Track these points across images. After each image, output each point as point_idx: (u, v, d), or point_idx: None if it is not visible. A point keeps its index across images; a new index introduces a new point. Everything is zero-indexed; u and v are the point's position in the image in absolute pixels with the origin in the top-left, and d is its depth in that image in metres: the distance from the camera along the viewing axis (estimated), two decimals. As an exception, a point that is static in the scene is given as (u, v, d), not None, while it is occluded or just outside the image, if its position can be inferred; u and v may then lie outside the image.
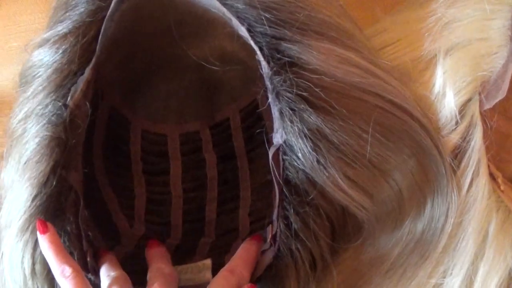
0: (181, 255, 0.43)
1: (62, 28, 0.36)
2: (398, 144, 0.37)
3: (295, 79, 0.35)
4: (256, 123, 0.46)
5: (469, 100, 0.40)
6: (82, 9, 0.37)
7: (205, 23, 0.42)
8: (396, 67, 0.41)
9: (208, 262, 0.39)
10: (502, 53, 0.39)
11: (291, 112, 0.35)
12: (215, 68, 0.44)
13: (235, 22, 0.36)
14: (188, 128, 0.48)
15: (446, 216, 0.39)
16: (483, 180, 0.39)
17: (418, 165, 0.38)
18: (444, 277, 0.41)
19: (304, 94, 0.35)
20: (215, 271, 0.38)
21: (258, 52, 0.35)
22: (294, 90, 0.34)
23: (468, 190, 0.40)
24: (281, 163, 0.36)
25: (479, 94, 0.40)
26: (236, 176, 0.47)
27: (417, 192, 0.39)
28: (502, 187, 0.40)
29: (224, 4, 0.36)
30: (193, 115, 0.48)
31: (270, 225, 0.38)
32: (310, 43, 0.35)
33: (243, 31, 0.36)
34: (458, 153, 0.40)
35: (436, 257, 0.40)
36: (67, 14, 0.37)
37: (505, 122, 0.49)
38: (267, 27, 0.35)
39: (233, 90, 0.47)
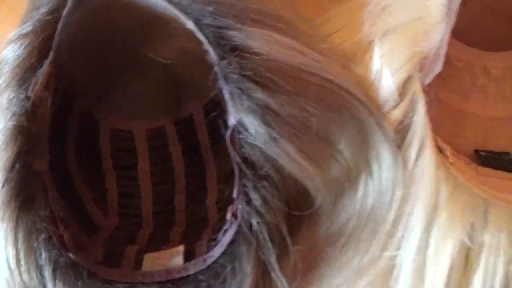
0: (155, 243, 0.46)
1: (25, 26, 0.40)
2: (340, 119, 0.41)
3: (240, 61, 0.39)
4: (220, 117, 0.49)
5: (409, 77, 0.43)
6: (45, 9, 0.41)
7: (163, 23, 0.46)
8: (340, 52, 0.44)
9: (180, 248, 0.43)
10: (439, 29, 0.42)
11: (239, 91, 0.38)
12: (178, 66, 0.48)
13: (182, 18, 0.40)
14: (154, 124, 0.52)
15: (393, 189, 0.42)
16: (429, 153, 0.42)
17: (361, 140, 0.41)
18: (398, 249, 0.43)
19: (249, 73, 0.39)
20: (187, 256, 0.42)
21: (205, 42, 0.39)
22: (239, 71, 0.38)
23: (414, 164, 0.42)
24: (237, 142, 0.38)
25: (420, 71, 0.42)
26: (202, 168, 0.50)
27: (364, 166, 0.42)
28: (451, 159, 0.43)
29: (170, 2, 0.40)
30: (159, 112, 0.52)
31: (231, 205, 0.41)
32: (250, 30, 0.39)
33: (190, 24, 0.40)
34: (402, 129, 0.43)
35: (387, 230, 0.42)
36: (32, 14, 0.41)
37: (459, 98, 0.54)
38: (211, 19, 0.39)
39: (196, 87, 0.51)
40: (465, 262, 0.43)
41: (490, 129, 0.54)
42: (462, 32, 0.54)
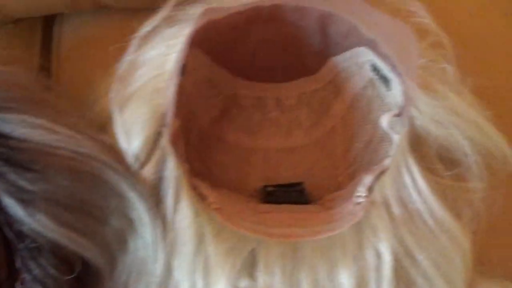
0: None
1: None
2: (98, 188, 0.44)
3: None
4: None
5: (154, 133, 0.45)
6: None
7: None
8: (92, 122, 0.48)
9: None
10: (171, 84, 0.45)
11: (-2, 176, 0.40)
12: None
13: None
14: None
15: (157, 242, 0.44)
16: (186, 203, 0.44)
17: (121, 203, 0.44)
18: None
19: (4, 157, 0.41)
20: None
21: None
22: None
23: (173, 215, 0.44)
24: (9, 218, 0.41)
25: (165, 125, 0.45)
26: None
27: (129, 226, 0.45)
28: (214, 205, 0.45)
29: None
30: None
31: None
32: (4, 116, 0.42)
33: None
34: (156, 183, 0.45)
35: (159, 281, 0.44)
36: None
37: (247, 136, 0.57)
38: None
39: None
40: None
41: (283, 161, 0.57)
42: (246, 69, 0.56)
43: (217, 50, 0.53)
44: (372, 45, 0.49)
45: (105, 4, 0.61)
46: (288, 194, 0.52)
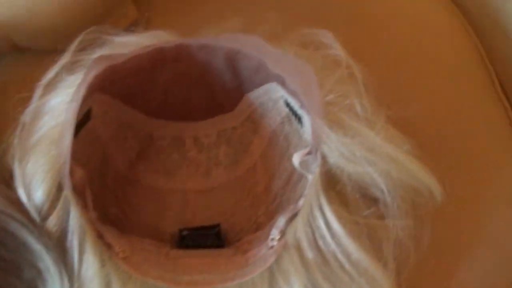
0: None
1: None
2: (6, 241, 0.43)
3: None
4: None
5: (57, 185, 0.43)
6: None
7: None
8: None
9: None
10: (67, 133, 0.44)
11: None
12: None
13: None
14: None
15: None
16: (90, 253, 0.42)
17: (30, 255, 0.43)
18: None
19: None
20: None
21: None
22: None
23: (79, 266, 0.43)
24: None
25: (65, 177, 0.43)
26: None
27: (40, 279, 0.43)
28: (121, 255, 0.44)
29: None
30: None
31: None
32: None
33: None
34: (61, 234, 0.43)
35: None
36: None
37: (163, 177, 0.56)
38: None
39: None
40: None
41: (201, 203, 0.55)
42: (160, 109, 0.55)
43: (126, 92, 0.51)
44: (281, 81, 0.48)
45: (22, 46, 0.59)
46: (203, 237, 0.51)
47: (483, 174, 0.58)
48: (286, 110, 0.51)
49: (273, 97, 0.52)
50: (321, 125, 0.42)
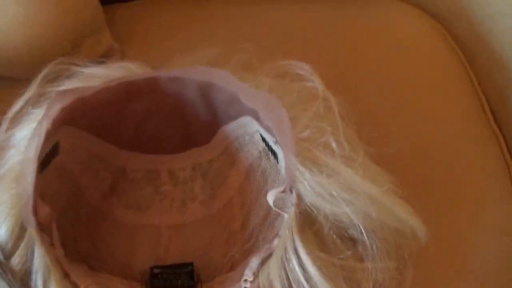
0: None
1: None
2: None
3: None
4: None
5: (20, 222, 0.42)
6: None
7: None
8: None
9: None
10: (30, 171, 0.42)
11: None
12: None
13: None
14: None
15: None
16: None
17: None
18: None
19: None
20: None
21: None
22: None
23: None
24: None
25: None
26: None
27: None
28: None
29: None
30: None
31: None
32: None
33: None
34: (26, 274, 0.42)
35: None
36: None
37: (135, 213, 0.55)
38: None
39: None
40: None
41: (175, 239, 0.53)
42: (133, 142, 0.54)
43: (97, 125, 0.50)
44: (255, 115, 0.47)
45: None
46: (175, 276, 0.49)
47: (471, 211, 0.55)
48: (263, 144, 0.49)
49: (249, 131, 0.50)
50: (294, 163, 0.41)
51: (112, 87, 0.46)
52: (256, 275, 0.42)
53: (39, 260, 0.41)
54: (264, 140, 0.49)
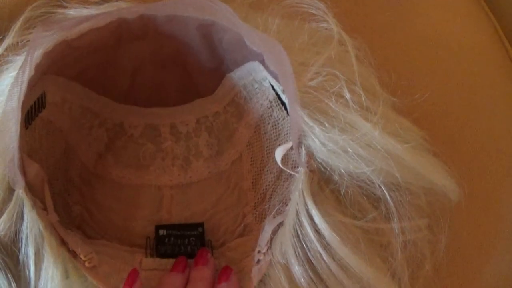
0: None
1: None
2: None
3: None
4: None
5: (7, 182, 0.40)
6: None
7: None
8: None
9: None
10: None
11: None
12: None
13: None
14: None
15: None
16: (51, 263, 0.39)
17: None
18: None
19: None
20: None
21: None
22: None
23: (36, 279, 0.40)
24: None
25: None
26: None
27: None
28: (87, 264, 0.41)
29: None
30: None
31: None
32: None
33: None
34: (13, 242, 0.40)
35: None
36: None
37: (135, 172, 0.53)
38: None
39: None
40: None
41: (179, 200, 0.52)
42: (129, 94, 0.51)
43: (87, 75, 0.47)
44: (262, 60, 0.43)
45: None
46: (183, 240, 0.46)
47: (504, 169, 0.52)
48: (273, 93, 0.46)
49: (257, 78, 0.47)
50: (300, 115, 0.37)
51: (102, 29, 0.43)
52: (269, 246, 0.40)
53: (31, 225, 0.39)
54: (274, 88, 0.45)
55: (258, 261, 0.40)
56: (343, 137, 0.37)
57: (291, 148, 0.40)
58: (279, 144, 0.47)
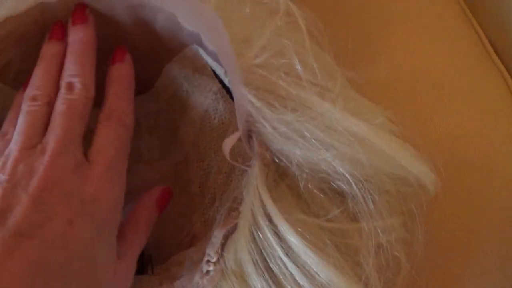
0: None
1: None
2: None
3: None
4: None
5: None
6: None
7: None
8: None
9: None
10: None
11: None
12: None
13: None
14: None
15: None
16: None
17: None
18: None
19: None
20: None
21: None
22: None
23: None
24: None
25: None
26: None
27: None
28: None
29: None
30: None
31: None
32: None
33: None
34: None
35: None
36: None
37: None
38: None
39: None
40: None
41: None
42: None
43: (10, 71, 0.44)
44: (198, 41, 0.38)
45: None
46: None
47: (482, 157, 0.48)
48: (217, 82, 0.41)
49: (198, 65, 0.42)
50: (245, 95, 0.33)
51: (21, 15, 0.39)
52: (219, 254, 0.36)
53: None
54: (217, 76, 0.40)
55: (207, 272, 0.37)
56: (298, 118, 0.32)
57: (241, 139, 0.35)
58: (229, 141, 0.42)
